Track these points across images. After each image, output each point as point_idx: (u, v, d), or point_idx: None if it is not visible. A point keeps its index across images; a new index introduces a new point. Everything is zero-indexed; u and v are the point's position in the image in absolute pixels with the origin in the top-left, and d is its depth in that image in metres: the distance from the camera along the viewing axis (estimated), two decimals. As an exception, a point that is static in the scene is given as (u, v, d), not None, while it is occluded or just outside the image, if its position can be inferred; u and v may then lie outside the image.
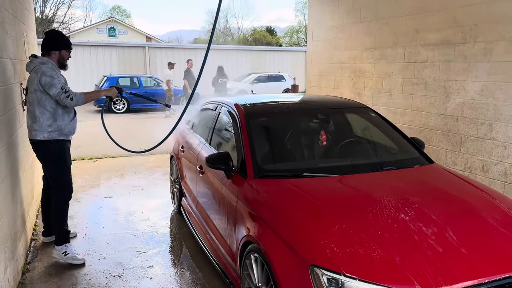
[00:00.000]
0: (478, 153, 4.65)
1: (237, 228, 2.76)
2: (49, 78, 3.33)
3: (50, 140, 3.46)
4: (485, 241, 2.22)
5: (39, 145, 3.47)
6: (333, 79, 7.33)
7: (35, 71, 3.37)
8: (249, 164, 2.93)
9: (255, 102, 3.98)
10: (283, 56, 26.07)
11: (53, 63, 3.47)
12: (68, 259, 3.55)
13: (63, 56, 3.57)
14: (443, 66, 5.02)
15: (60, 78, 3.41)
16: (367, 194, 2.68)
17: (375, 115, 3.76)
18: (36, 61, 3.44)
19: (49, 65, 3.42)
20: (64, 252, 3.57)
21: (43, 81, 3.32)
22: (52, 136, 3.46)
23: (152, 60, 22.33)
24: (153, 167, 6.85)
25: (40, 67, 3.38)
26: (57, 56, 3.53)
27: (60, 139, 3.52)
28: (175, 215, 4.76)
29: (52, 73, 3.36)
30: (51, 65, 3.43)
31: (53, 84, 3.33)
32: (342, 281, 1.93)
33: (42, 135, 3.42)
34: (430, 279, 1.92)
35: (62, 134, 3.52)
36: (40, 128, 3.41)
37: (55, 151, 3.51)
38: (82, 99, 3.48)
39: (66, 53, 3.59)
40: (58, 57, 3.54)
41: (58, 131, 3.48)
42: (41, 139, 3.44)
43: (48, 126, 3.42)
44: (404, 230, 2.24)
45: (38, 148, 3.51)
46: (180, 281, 3.34)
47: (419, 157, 3.30)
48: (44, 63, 3.42)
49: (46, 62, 3.43)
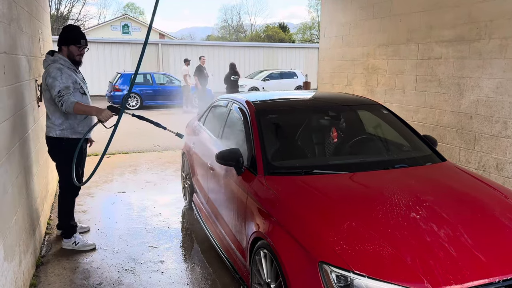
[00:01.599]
0: (493, 151, 4.58)
1: (247, 224, 2.77)
2: (51, 79, 3.35)
3: (62, 138, 3.51)
4: (496, 240, 2.19)
5: (51, 140, 3.55)
6: (346, 76, 7.28)
7: (46, 70, 3.44)
8: (259, 161, 2.94)
9: (266, 99, 3.98)
10: (296, 53, 25.97)
11: (65, 59, 3.50)
12: (80, 247, 3.71)
13: (72, 52, 3.55)
14: (457, 63, 4.95)
15: (63, 80, 3.37)
16: (378, 192, 2.67)
17: (387, 112, 3.73)
18: (48, 58, 3.48)
19: (58, 63, 3.43)
20: (74, 242, 3.72)
21: (47, 81, 3.37)
22: (65, 134, 3.51)
23: (165, 57, 22.47)
24: (165, 163, 6.90)
25: (49, 66, 3.42)
26: (66, 51, 3.54)
27: (73, 137, 3.54)
28: (186, 211, 4.80)
29: (56, 73, 3.36)
30: (61, 63, 3.45)
31: (53, 85, 3.34)
32: (351, 278, 1.93)
33: (55, 132, 3.50)
34: (440, 278, 1.91)
35: (76, 133, 3.55)
36: (53, 125, 3.49)
37: (65, 149, 3.53)
38: (70, 109, 3.32)
39: (76, 49, 3.55)
40: (67, 52, 3.54)
41: (71, 129, 3.52)
42: (53, 136, 3.51)
43: (60, 124, 3.48)
44: (415, 228, 2.23)
45: (50, 143, 3.59)
46: (190, 276, 3.37)
47: (431, 154, 3.27)
48: (56, 60, 3.45)
49: (58, 59, 3.46)
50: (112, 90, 15.45)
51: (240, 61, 23.02)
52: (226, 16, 68.66)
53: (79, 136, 3.56)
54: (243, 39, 48.26)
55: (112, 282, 3.24)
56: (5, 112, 2.77)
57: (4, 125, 2.68)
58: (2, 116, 2.66)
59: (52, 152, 3.66)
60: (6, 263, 2.48)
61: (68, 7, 40.22)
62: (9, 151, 2.77)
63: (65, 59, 3.50)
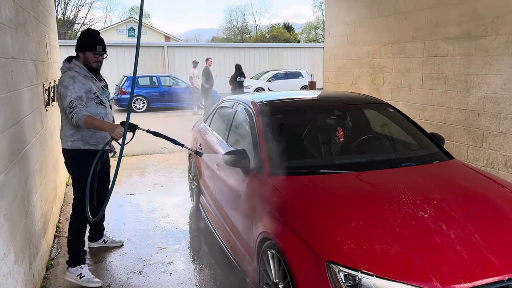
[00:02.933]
0: (501, 148, 4.54)
1: (254, 224, 2.78)
2: (63, 88, 3.15)
3: (73, 150, 3.30)
4: (505, 238, 2.17)
5: (65, 153, 3.38)
6: (351, 75, 7.26)
7: (60, 78, 3.28)
8: (266, 161, 2.94)
9: (271, 100, 3.99)
10: (301, 53, 25.94)
11: (81, 66, 3.27)
12: (84, 282, 3.25)
13: (88, 59, 3.30)
14: (464, 60, 4.92)
15: (75, 89, 3.14)
16: (385, 191, 2.66)
17: (393, 110, 3.72)
18: (65, 66, 3.30)
19: (73, 70, 3.23)
20: (80, 275, 3.28)
21: (59, 90, 3.19)
22: (76, 146, 3.29)
23: (171, 59, 22.57)
24: (172, 165, 6.93)
25: (64, 74, 3.25)
26: (82, 58, 3.31)
27: (85, 148, 3.31)
28: (194, 212, 4.82)
29: (68, 82, 3.15)
30: (77, 70, 3.24)
31: (65, 95, 3.13)
32: (359, 277, 1.93)
33: (66, 143, 3.31)
34: (449, 276, 1.90)
35: (88, 144, 3.32)
36: (64, 136, 3.32)
37: (77, 161, 3.31)
38: (81, 122, 3.08)
39: (91, 55, 3.30)
40: (83, 59, 3.31)
41: (83, 140, 3.29)
42: (66, 148, 3.33)
43: (71, 135, 3.28)
44: (423, 227, 2.22)
45: (64, 155, 3.41)
46: (199, 277, 3.38)
47: (439, 152, 3.25)
48: (70, 68, 3.26)
49: (73, 66, 3.26)
50: (119, 93, 15.56)
51: (245, 62, 23.04)
52: (231, 17, 68.84)
53: (92, 147, 3.33)
54: (248, 40, 48.32)
55: (121, 283, 3.26)
56: (14, 116, 2.80)
57: (13, 129, 2.72)
58: (11, 120, 2.69)
59: (66, 165, 3.46)
60: (16, 265, 2.51)
61: (74, 11, 40.57)
62: (18, 155, 2.81)
63: (81, 66, 3.28)
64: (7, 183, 2.46)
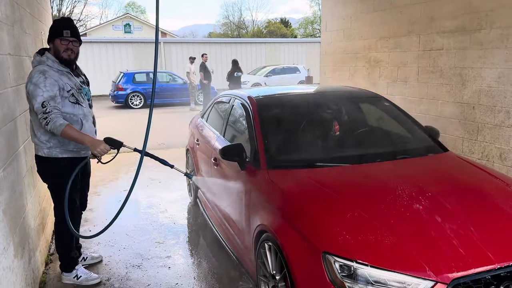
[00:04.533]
0: (496, 141, 4.58)
1: (251, 218, 2.81)
2: (32, 86, 2.72)
3: (48, 158, 2.89)
4: (498, 228, 2.21)
5: (40, 160, 2.96)
6: (348, 70, 7.28)
7: (29, 74, 2.83)
8: (262, 155, 2.97)
9: (268, 94, 4.01)
10: (298, 48, 25.92)
11: (54, 59, 2.86)
12: (83, 281, 3.16)
13: (57, 48, 2.87)
14: (459, 53, 4.95)
15: (46, 87, 2.71)
16: (380, 183, 2.69)
17: (388, 104, 3.75)
18: (35, 59, 2.87)
19: (45, 64, 2.82)
20: (76, 276, 3.17)
21: (28, 88, 2.75)
22: (53, 153, 2.88)
23: (167, 55, 22.51)
24: (170, 160, 6.93)
25: (33, 69, 2.82)
26: (53, 49, 2.89)
27: (64, 156, 2.90)
28: (192, 207, 4.85)
29: (38, 79, 2.72)
30: (49, 64, 2.83)
31: (35, 95, 2.69)
32: (354, 267, 1.97)
33: (42, 150, 2.89)
34: (442, 265, 1.94)
35: (67, 151, 2.91)
36: (39, 142, 2.87)
37: (55, 172, 2.93)
38: (58, 131, 2.71)
39: (59, 43, 2.85)
40: (54, 50, 2.89)
41: (60, 147, 2.88)
42: (41, 156, 2.91)
43: (47, 141, 2.86)
44: (417, 218, 2.25)
45: (38, 164, 3.00)
46: (197, 270, 3.42)
47: (433, 145, 3.28)
48: (42, 61, 2.84)
49: (45, 60, 2.84)
50: (115, 90, 15.53)
51: (242, 57, 23.02)
52: (227, 12, 68.56)
53: (72, 155, 2.93)
54: (245, 35, 48.21)
55: (120, 277, 3.29)
56: (12, 113, 2.81)
57: (10, 125, 2.73)
58: (9, 116, 2.71)
59: (41, 174, 3.05)
60: (16, 260, 2.54)
61: (69, 7, 40.31)
62: (15, 151, 2.82)
63: (54, 60, 2.86)
64: (6, 179, 2.48)
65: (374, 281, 1.93)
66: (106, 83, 18.29)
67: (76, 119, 2.92)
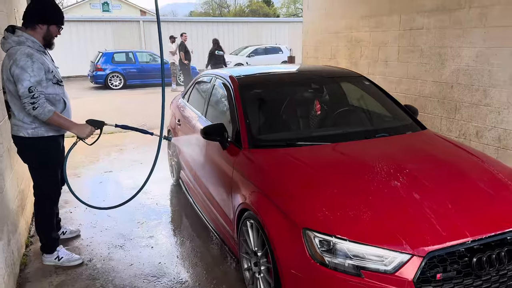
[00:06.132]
0: (473, 120, 4.68)
1: (234, 196, 2.83)
2: (19, 69, 2.66)
3: (35, 138, 2.88)
4: (472, 202, 2.28)
5: (23, 141, 2.89)
6: (330, 49, 7.27)
7: (9, 55, 2.72)
8: (244, 135, 2.97)
9: (249, 74, 3.99)
10: (281, 28, 25.67)
11: (34, 41, 2.79)
12: (65, 262, 3.15)
13: (51, 33, 2.88)
14: (439, 32, 4.99)
15: (34, 71, 2.69)
16: (359, 161, 2.73)
17: (369, 83, 3.78)
18: (12, 39, 2.74)
19: (26, 45, 2.74)
20: (57, 257, 3.16)
21: (13, 71, 2.68)
22: (38, 133, 2.87)
23: (147, 35, 22.01)
24: (151, 141, 6.88)
25: (15, 50, 2.71)
26: (43, 31, 2.84)
27: (49, 135, 2.92)
28: (174, 187, 4.84)
29: (25, 62, 2.66)
30: (29, 45, 2.75)
31: (22, 79, 2.66)
32: (334, 242, 2.01)
33: (25, 131, 2.85)
34: (418, 240, 2.00)
35: (51, 130, 2.92)
36: (21, 123, 2.84)
37: (41, 150, 2.93)
38: (46, 117, 2.74)
39: (56, 30, 2.90)
40: (44, 33, 2.85)
41: (45, 126, 2.88)
42: (24, 136, 2.86)
43: (31, 121, 2.83)
44: (395, 194, 2.30)
45: (20, 144, 2.94)
46: (180, 249, 3.44)
47: (412, 123, 3.34)
48: (22, 43, 2.73)
49: (25, 40, 2.75)
50: (94, 70, 15.16)
51: (224, 37, 22.70)
52: (208, -9, 67.13)
53: (55, 133, 2.96)
54: (227, 15, 47.44)
55: (103, 258, 3.29)
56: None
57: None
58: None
59: (23, 154, 3.00)
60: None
61: (44, -15, 38.85)
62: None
63: (34, 41, 2.79)
64: (-19, 160, 2.43)
65: (352, 255, 1.98)
66: (84, 63, 17.85)
67: (58, 98, 2.94)
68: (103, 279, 3.00)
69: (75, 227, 3.75)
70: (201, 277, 3.01)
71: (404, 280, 1.92)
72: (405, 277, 1.92)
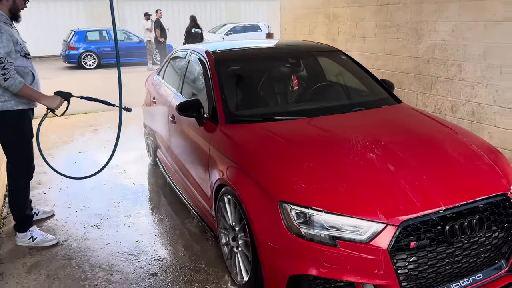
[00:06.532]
0: (448, 94, 4.74)
1: (211, 173, 2.80)
2: None
3: (5, 111, 2.85)
4: (445, 172, 2.32)
5: None
6: (308, 26, 7.20)
7: None
8: (220, 110, 2.93)
9: (225, 49, 3.91)
10: (259, 4, 25.29)
11: (1, 13, 2.81)
12: (38, 243, 3.10)
13: (17, 6, 2.89)
14: (415, 7, 4.98)
15: (3, 42, 2.69)
16: (335, 134, 2.74)
17: (346, 58, 3.76)
18: None
19: None
20: (31, 238, 3.11)
21: None
22: (8, 106, 2.85)
23: (121, 13, 21.35)
24: (126, 120, 6.72)
25: None
26: (9, 4, 2.85)
27: (19, 108, 2.90)
28: (151, 167, 4.78)
29: None
30: None
31: None
32: (310, 214, 2.02)
33: None
34: (392, 210, 2.02)
35: (21, 103, 2.90)
36: None
37: (13, 123, 2.92)
38: (16, 88, 2.75)
39: (22, 2, 2.92)
40: (10, 5, 2.86)
41: (15, 99, 2.85)
42: None
43: (0, 95, 2.81)
44: (370, 166, 2.32)
45: None
46: (158, 227, 3.41)
47: (388, 97, 3.35)
48: None
49: None
50: (67, 49, 14.68)
51: (201, 15, 22.21)
52: (184, -33, 65.31)
53: (25, 106, 2.94)
54: (204, -8, 46.40)
55: (78, 238, 3.24)
56: None
57: None
58: None
59: None
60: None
61: (10, -41, 37.00)
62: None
63: (0, 13, 2.81)
64: None
65: (328, 226, 1.99)
66: (56, 42, 17.22)
67: (27, 71, 2.93)
68: (79, 259, 2.96)
69: (49, 208, 3.67)
70: (180, 254, 3.00)
71: (379, 249, 1.95)
72: (379, 246, 1.95)
